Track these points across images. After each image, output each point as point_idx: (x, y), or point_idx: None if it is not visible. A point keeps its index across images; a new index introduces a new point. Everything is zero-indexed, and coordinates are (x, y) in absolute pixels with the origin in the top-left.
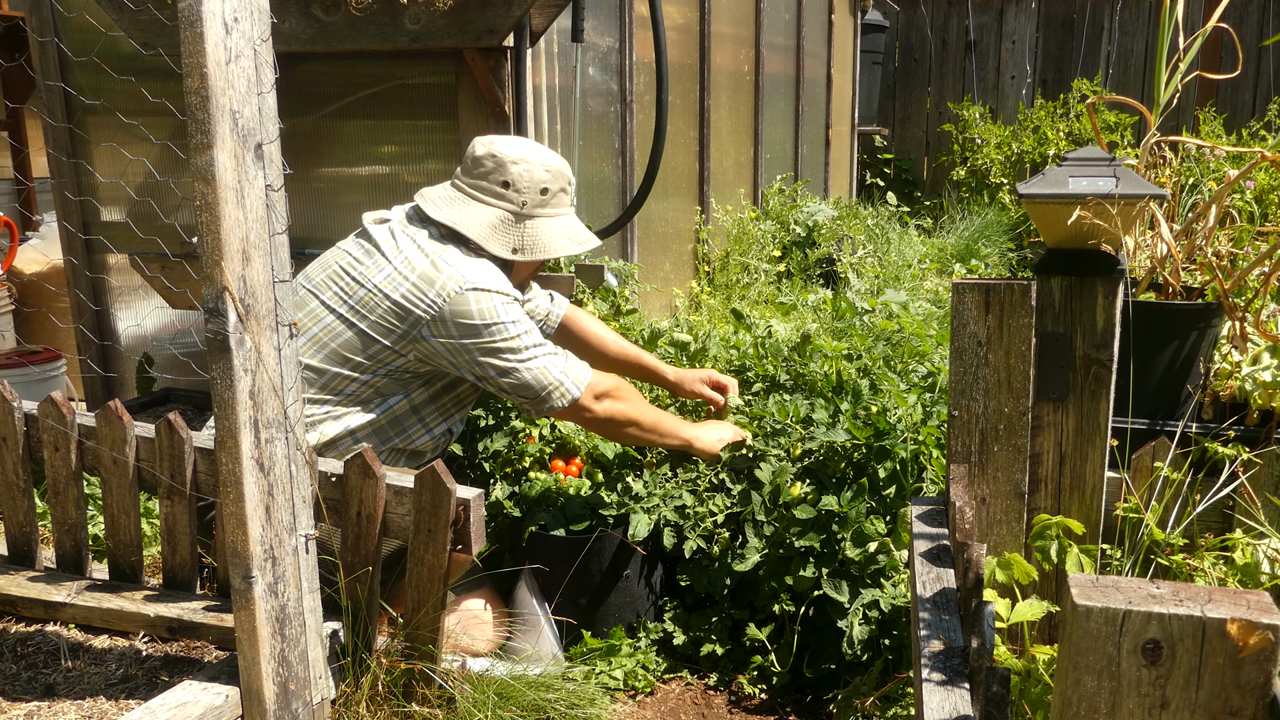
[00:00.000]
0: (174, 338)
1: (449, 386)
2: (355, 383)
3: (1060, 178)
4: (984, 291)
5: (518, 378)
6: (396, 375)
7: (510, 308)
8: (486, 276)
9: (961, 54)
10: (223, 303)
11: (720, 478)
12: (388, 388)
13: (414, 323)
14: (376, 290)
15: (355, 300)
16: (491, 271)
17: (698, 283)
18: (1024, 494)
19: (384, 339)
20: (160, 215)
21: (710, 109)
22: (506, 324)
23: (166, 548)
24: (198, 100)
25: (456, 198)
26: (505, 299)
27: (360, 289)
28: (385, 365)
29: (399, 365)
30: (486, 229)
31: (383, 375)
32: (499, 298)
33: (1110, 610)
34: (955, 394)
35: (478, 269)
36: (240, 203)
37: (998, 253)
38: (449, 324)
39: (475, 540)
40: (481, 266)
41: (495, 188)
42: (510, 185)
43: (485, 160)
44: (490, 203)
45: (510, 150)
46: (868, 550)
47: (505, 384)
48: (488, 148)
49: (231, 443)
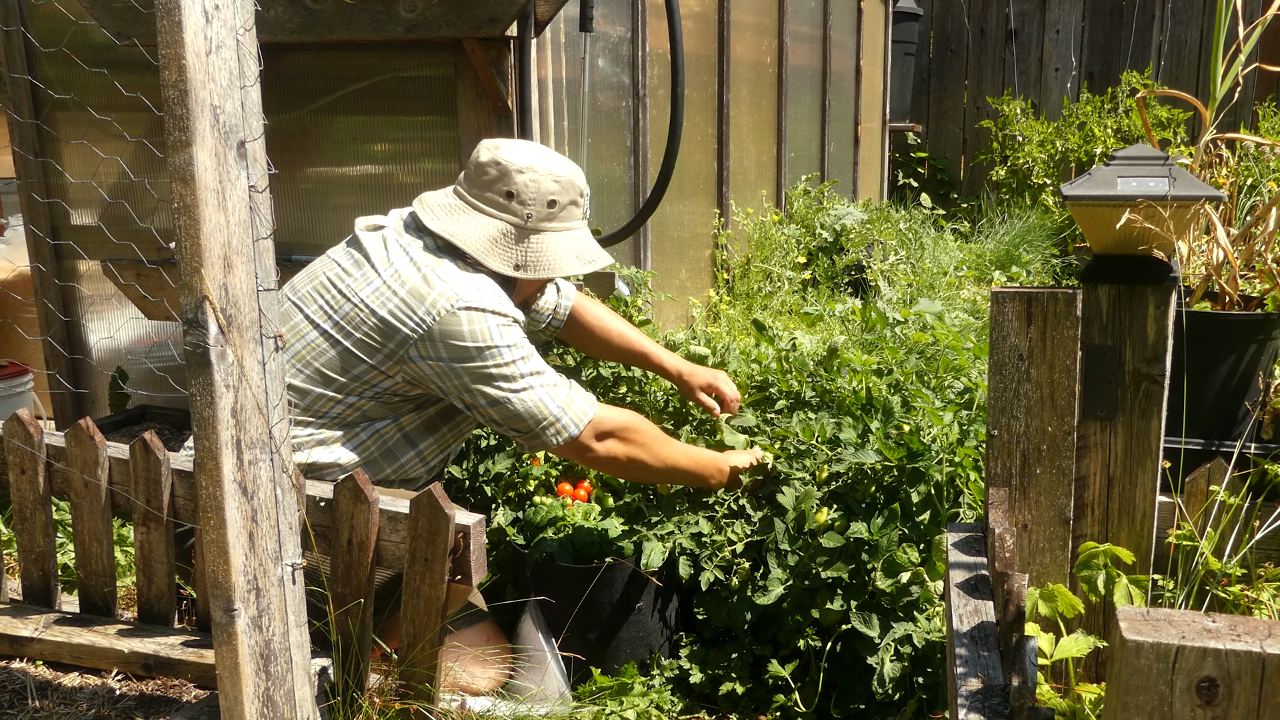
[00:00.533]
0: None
1: (445, 414)
2: (340, 405)
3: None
4: (1026, 301)
5: (510, 409)
6: (384, 398)
7: (507, 330)
8: (483, 294)
9: (1001, 44)
10: (203, 313)
11: (740, 503)
12: (375, 411)
13: (401, 342)
14: (363, 305)
15: (340, 315)
16: (489, 289)
17: (716, 291)
18: (1069, 520)
19: (369, 358)
20: (135, 219)
21: (730, 104)
22: (501, 348)
23: (142, 578)
24: (176, 94)
25: (456, 206)
26: (502, 320)
27: (346, 303)
28: (371, 387)
29: (386, 387)
30: (486, 243)
31: (369, 398)
32: (495, 319)
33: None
34: (995, 412)
35: (473, 286)
36: (221, 205)
37: (1040, 259)
38: (438, 344)
39: (476, 570)
40: (478, 283)
41: (498, 198)
42: (514, 196)
43: (489, 168)
44: (492, 214)
45: (516, 158)
46: (900, 581)
47: (495, 415)
48: (492, 154)
49: (212, 464)
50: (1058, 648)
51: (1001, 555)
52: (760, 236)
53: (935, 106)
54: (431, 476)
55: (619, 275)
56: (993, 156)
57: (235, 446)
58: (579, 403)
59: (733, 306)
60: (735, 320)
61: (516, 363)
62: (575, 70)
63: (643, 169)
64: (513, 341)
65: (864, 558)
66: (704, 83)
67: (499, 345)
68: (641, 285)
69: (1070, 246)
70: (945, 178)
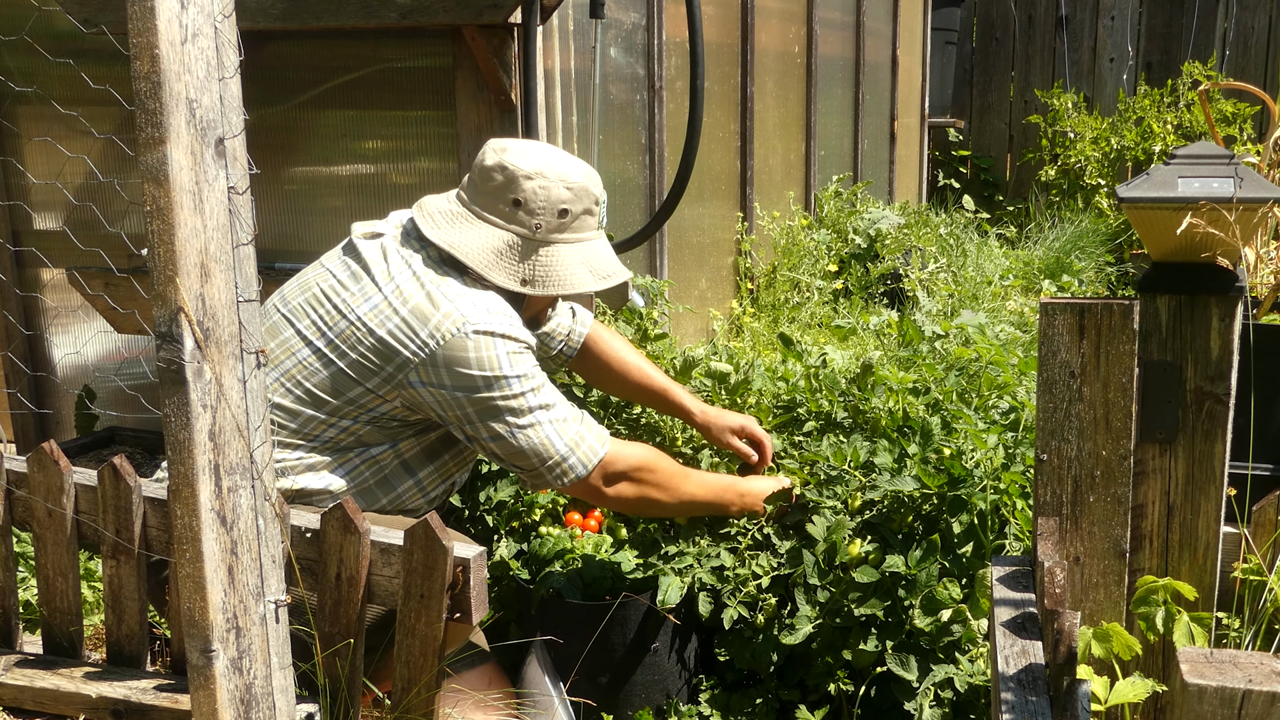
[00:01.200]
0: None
1: (448, 440)
2: (332, 428)
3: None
4: (1078, 313)
5: (514, 445)
6: (381, 423)
7: (518, 358)
8: (492, 316)
9: (1051, 32)
10: (177, 326)
11: (765, 533)
12: (371, 436)
13: (400, 365)
14: (360, 323)
15: (335, 333)
16: (499, 310)
17: (739, 302)
18: (1125, 553)
19: (365, 381)
20: (104, 223)
21: (754, 97)
22: (510, 378)
23: (111, 616)
24: (148, 87)
25: (459, 215)
26: (513, 347)
27: (342, 320)
28: (367, 410)
29: (384, 412)
30: (490, 256)
31: (364, 422)
32: (505, 344)
33: (1227, 690)
34: (1044, 434)
35: (482, 306)
36: (198, 208)
37: (1094, 267)
38: (441, 370)
39: (476, 607)
40: (487, 302)
41: (504, 207)
42: (522, 205)
43: (494, 173)
44: (498, 224)
45: (525, 162)
46: (940, 619)
47: (498, 449)
48: (498, 157)
49: (188, 492)
50: (1113, 692)
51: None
52: (787, 242)
53: (979, 100)
54: (432, 508)
55: (633, 285)
56: (1041, 155)
57: (213, 472)
58: (590, 440)
59: (757, 319)
60: (760, 334)
61: (525, 395)
62: (585, 61)
63: (659, 168)
64: (523, 371)
65: (901, 594)
66: (726, 74)
67: (508, 375)
68: (658, 296)
69: (1126, 253)
70: (990, 178)
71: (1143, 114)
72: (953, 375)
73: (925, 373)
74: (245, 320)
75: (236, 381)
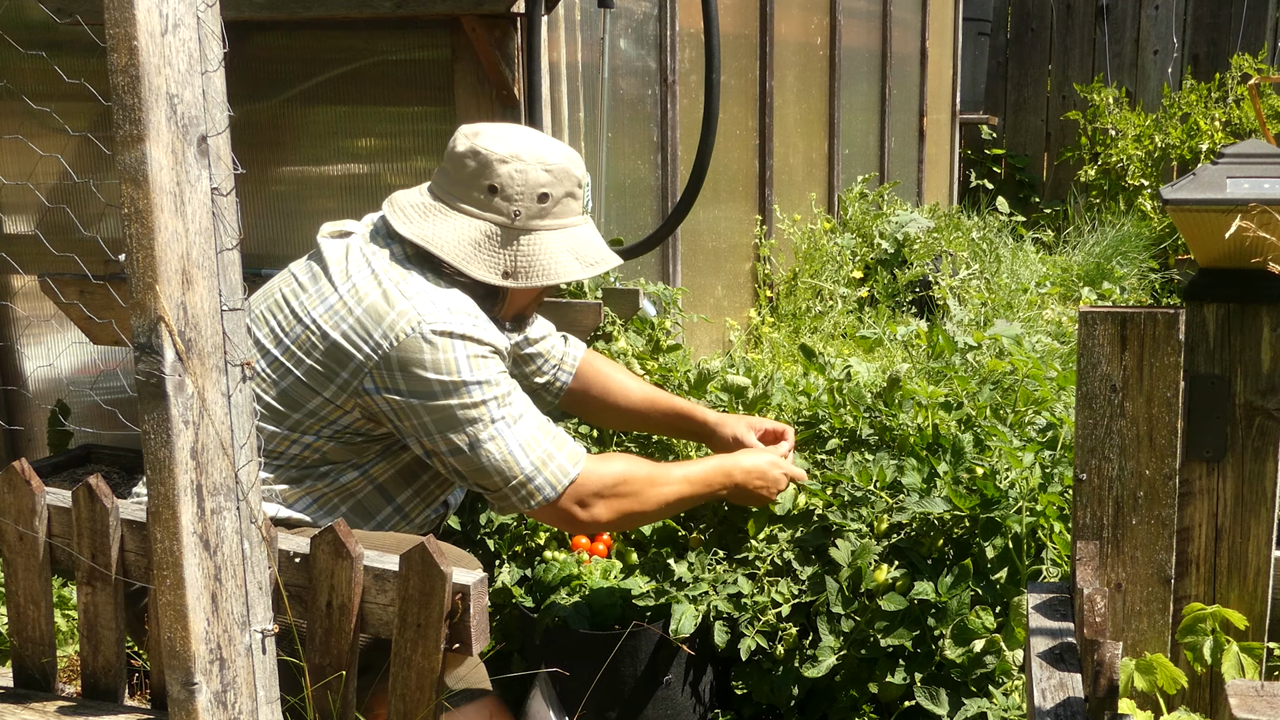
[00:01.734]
0: (96, 381)
1: (423, 461)
2: (296, 445)
3: (1216, 178)
4: (1119, 323)
5: (474, 461)
6: (344, 438)
7: (481, 363)
8: (454, 316)
9: (1091, 22)
10: (157, 336)
11: (785, 558)
12: (336, 454)
13: (355, 370)
14: (314, 326)
15: (292, 339)
16: (461, 308)
17: (757, 311)
18: (1169, 579)
19: (322, 390)
20: (78, 226)
21: (773, 92)
22: (470, 384)
23: (87, 646)
24: (126, 81)
25: (431, 207)
26: (478, 349)
27: (298, 325)
28: (329, 424)
29: (345, 425)
30: (467, 248)
31: (327, 438)
32: (465, 346)
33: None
34: (1083, 452)
35: (442, 304)
36: (179, 211)
37: (1136, 273)
38: (396, 375)
39: (477, 637)
40: (449, 300)
41: (479, 194)
42: (499, 191)
43: (467, 159)
44: (473, 214)
45: (499, 145)
46: (972, 650)
47: (458, 466)
48: (470, 142)
49: (168, 514)
50: None
51: (1091, 620)
52: (809, 247)
53: (1013, 95)
54: (425, 525)
55: (644, 293)
56: (1081, 153)
57: (195, 493)
58: (560, 458)
59: (777, 329)
60: (780, 345)
61: (487, 404)
62: (593, 53)
63: (672, 168)
64: (486, 377)
65: (930, 623)
66: (743, 67)
67: (467, 380)
68: (670, 304)
69: (1171, 259)
70: (1025, 178)
71: (1189, 110)
72: (986, 389)
73: (957, 386)
74: (230, 330)
75: (220, 396)
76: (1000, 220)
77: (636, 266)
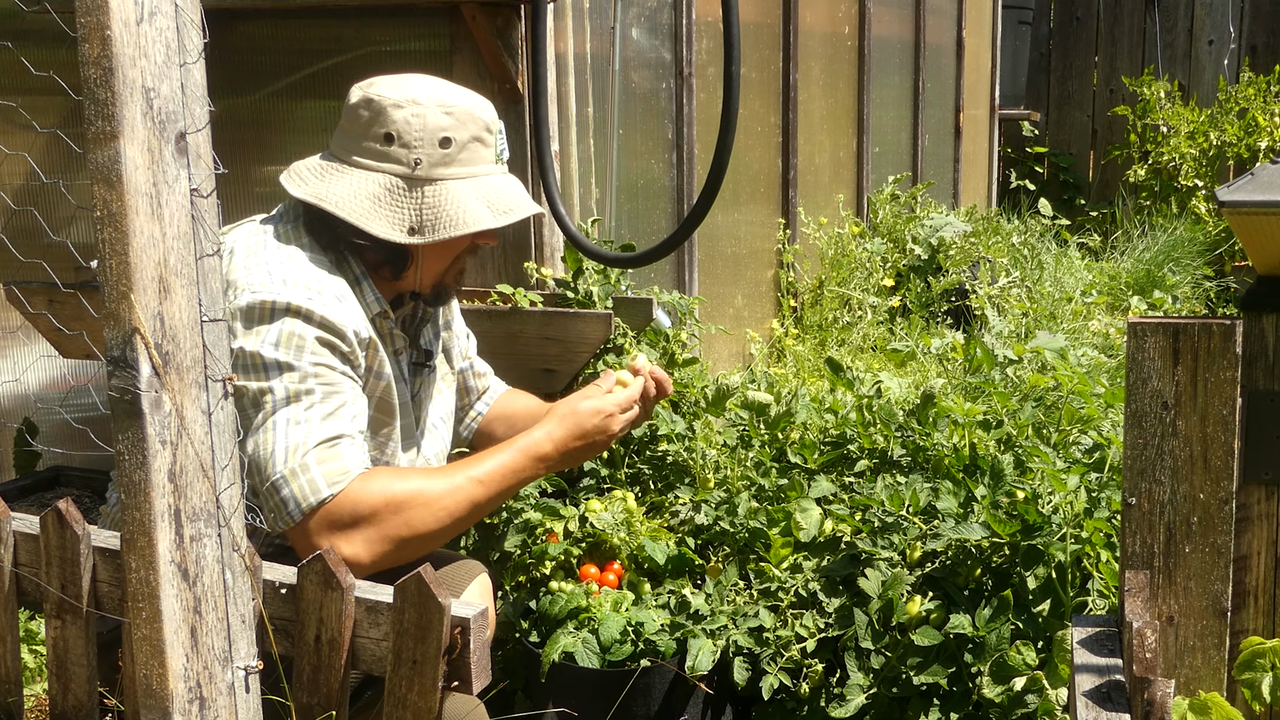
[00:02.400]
0: (66, 398)
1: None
2: None
3: (1275, 179)
4: (1171, 334)
5: (245, 450)
6: None
7: (296, 344)
8: (287, 288)
9: (1140, 11)
10: (132, 350)
11: (810, 589)
12: None
13: None
14: None
15: None
16: (303, 280)
17: (780, 322)
18: (1225, 611)
19: None
20: (47, 231)
21: (798, 85)
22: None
23: (56, 684)
24: (98, 73)
25: (327, 168)
26: (300, 327)
27: None
28: None
29: None
30: (366, 204)
31: None
32: (286, 323)
33: None
34: (1133, 475)
35: (280, 275)
36: (156, 214)
37: (1190, 281)
38: None
39: (477, 674)
40: (292, 272)
41: (375, 145)
42: (395, 139)
43: (360, 109)
44: (371, 166)
45: (393, 91)
46: (1012, 689)
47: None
48: (363, 91)
49: (144, 541)
50: None
51: (1141, 656)
52: (836, 253)
53: (1057, 89)
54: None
55: (658, 301)
56: (1130, 152)
57: (173, 518)
58: (315, 473)
59: (801, 341)
60: (804, 359)
61: (272, 388)
62: (603, 43)
63: (688, 167)
64: (290, 360)
65: (967, 659)
66: (765, 59)
67: (267, 359)
68: (686, 315)
69: (1228, 265)
70: (1070, 178)
71: (1246, 105)
72: (1028, 407)
73: (996, 404)
74: (210, 343)
75: (200, 413)
76: (1042, 224)
77: (650, 274)
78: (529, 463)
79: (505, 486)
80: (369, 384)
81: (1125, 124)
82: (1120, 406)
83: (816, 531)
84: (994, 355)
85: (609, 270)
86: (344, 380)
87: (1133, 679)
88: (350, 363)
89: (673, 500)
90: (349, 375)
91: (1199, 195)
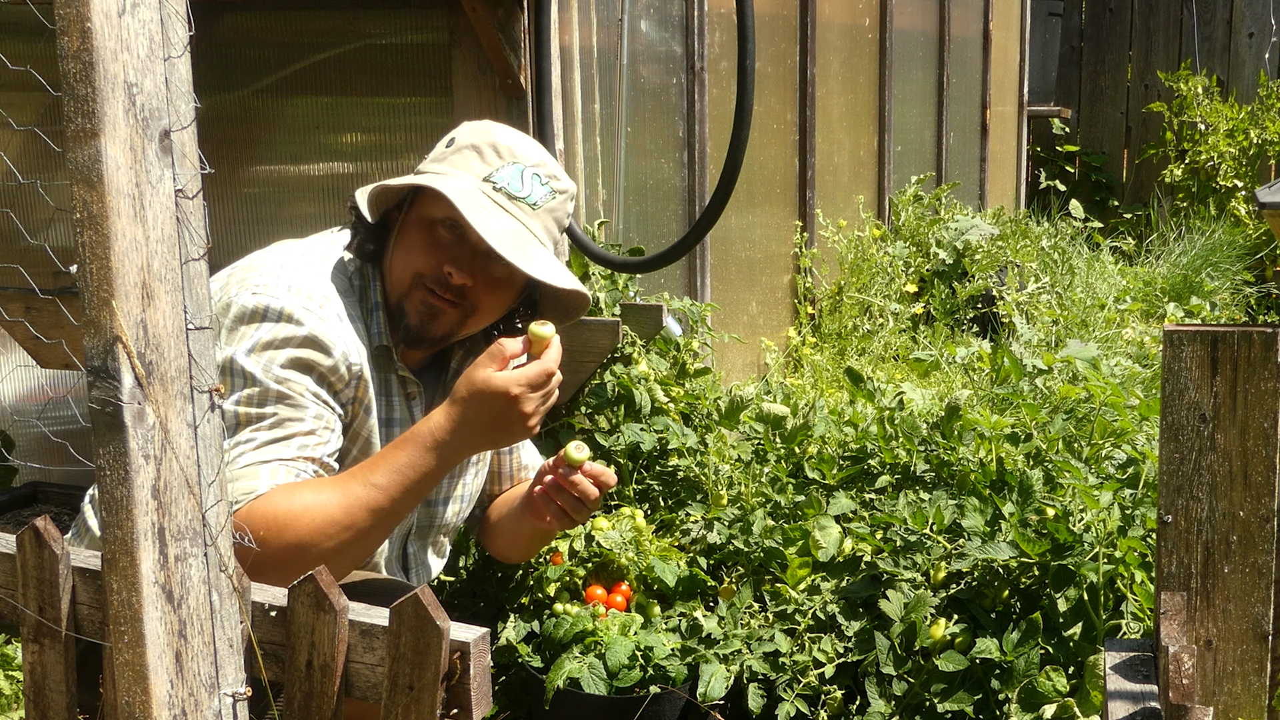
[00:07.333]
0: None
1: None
2: None
3: None
4: (1209, 343)
5: None
6: None
7: (271, 356)
8: (291, 295)
9: (1177, 2)
10: (114, 359)
11: (829, 611)
12: None
13: None
14: None
15: None
16: (306, 288)
17: (797, 330)
18: (1267, 635)
19: None
20: (24, 234)
21: (815, 80)
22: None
23: (33, 712)
24: (78, 68)
25: None
26: (284, 331)
27: None
28: None
29: None
30: (371, 192)
31: None
32: (271, 328)
33: None
34: (1169, 491)
35: (286, 279)
36: (139, 216)
37: (1229, 287)
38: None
39: (477, 702)
40: (298, 279)
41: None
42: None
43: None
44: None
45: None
46: (1042, 716)
47: None
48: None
49: (126, 561)
50: None
51: (1177, 682)
52: (856, 257)
53: (1089, 85)
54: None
55: (668, 309)
56: (1165, 150)
57: (157, 537)
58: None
59: (819, 350)
60: (822, 368)
61: (239, 400)
62: (610, 36)
63: (700, 167)
64: (254, 371)
65: (994, 685)
66: (781, 53)
67: (236, 361)
68: (698, 322)
69: (1269, 270)
70: (1102, 179)
71: None
72: (1058, 419)
73: (1024, 416)
74: (196, 352)
75: (185, 426)
76: (1074, 226)
77: (660, 279)
78: (422, 455)
79: (407, 485)
80: (357, 418)
81: (1161, 121)
82: (1156, 419)
83: (835, 551)
84: (1022, 365)
85: (616, 275)
86: (312, 405)
87: (1169, 706)
88: (329, 385)
89: (684, 518)
90: (321, 400)
91: (1238, 196)
